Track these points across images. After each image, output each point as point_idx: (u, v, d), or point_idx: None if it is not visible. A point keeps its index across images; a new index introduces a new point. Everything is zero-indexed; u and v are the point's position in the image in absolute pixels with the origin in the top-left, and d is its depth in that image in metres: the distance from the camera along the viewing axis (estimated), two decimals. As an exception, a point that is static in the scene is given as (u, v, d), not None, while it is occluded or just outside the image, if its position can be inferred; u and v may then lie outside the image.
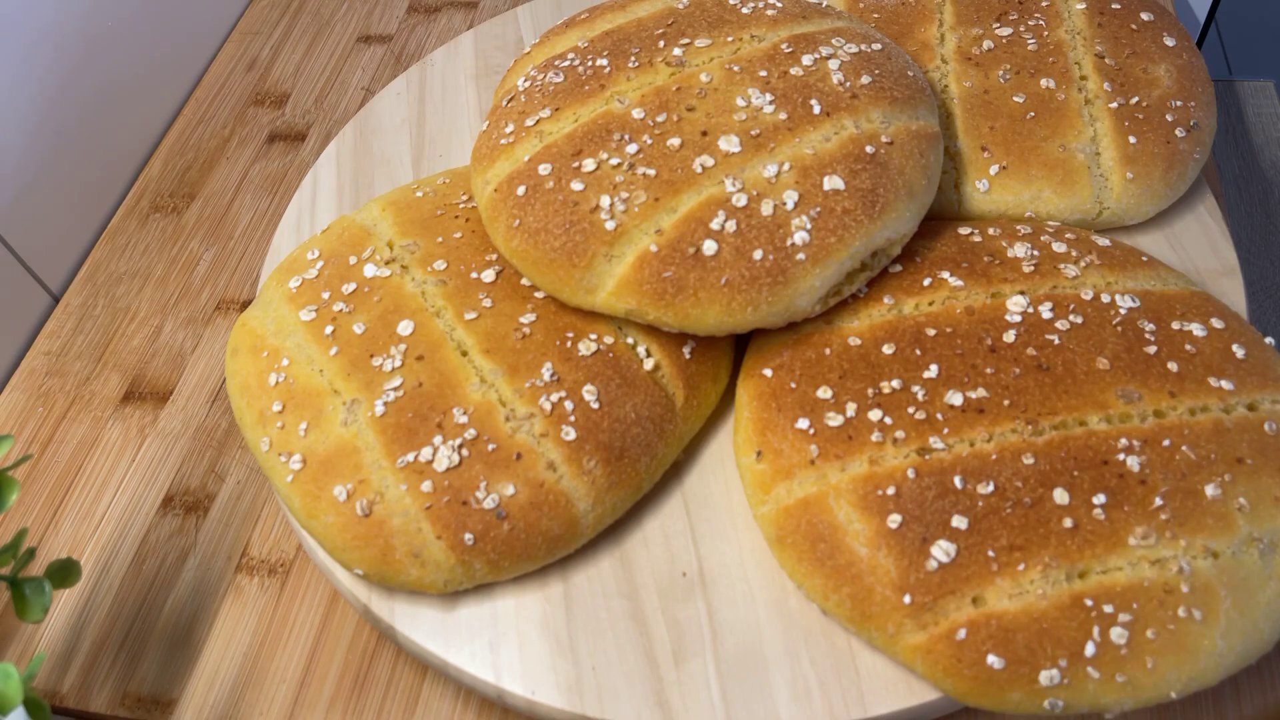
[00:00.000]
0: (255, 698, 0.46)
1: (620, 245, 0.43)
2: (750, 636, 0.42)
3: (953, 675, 0.38)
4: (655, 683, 0.41)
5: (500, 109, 0.50)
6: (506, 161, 0.47)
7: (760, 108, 0.45)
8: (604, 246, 0.43)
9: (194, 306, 0.62)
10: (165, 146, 0.71)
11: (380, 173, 0.60)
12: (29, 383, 0.59)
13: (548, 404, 0.43)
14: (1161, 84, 0.53)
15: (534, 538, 0.42)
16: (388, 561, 0.41)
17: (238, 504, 0.53)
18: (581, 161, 0.44)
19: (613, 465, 0.43)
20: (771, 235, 0.42)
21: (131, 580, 0.51)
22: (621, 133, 0.45)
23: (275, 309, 0.48)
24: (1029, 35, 0.54)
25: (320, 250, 0.49)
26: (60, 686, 0.48)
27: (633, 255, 0.43)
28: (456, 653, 0.42)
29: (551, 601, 0.43)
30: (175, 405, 0.57)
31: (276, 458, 0.43)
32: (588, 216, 0.43)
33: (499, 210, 0.45)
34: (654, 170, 0.44)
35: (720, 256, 0.42)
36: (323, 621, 0.49)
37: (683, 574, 0.44)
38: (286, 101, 0.73)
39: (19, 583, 0.39)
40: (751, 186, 0.43)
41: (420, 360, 0.44)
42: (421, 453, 0.42)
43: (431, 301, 0.46)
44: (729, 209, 0.43)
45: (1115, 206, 0.51)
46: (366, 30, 0.77)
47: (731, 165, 0.44)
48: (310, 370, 0.45)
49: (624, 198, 0.43)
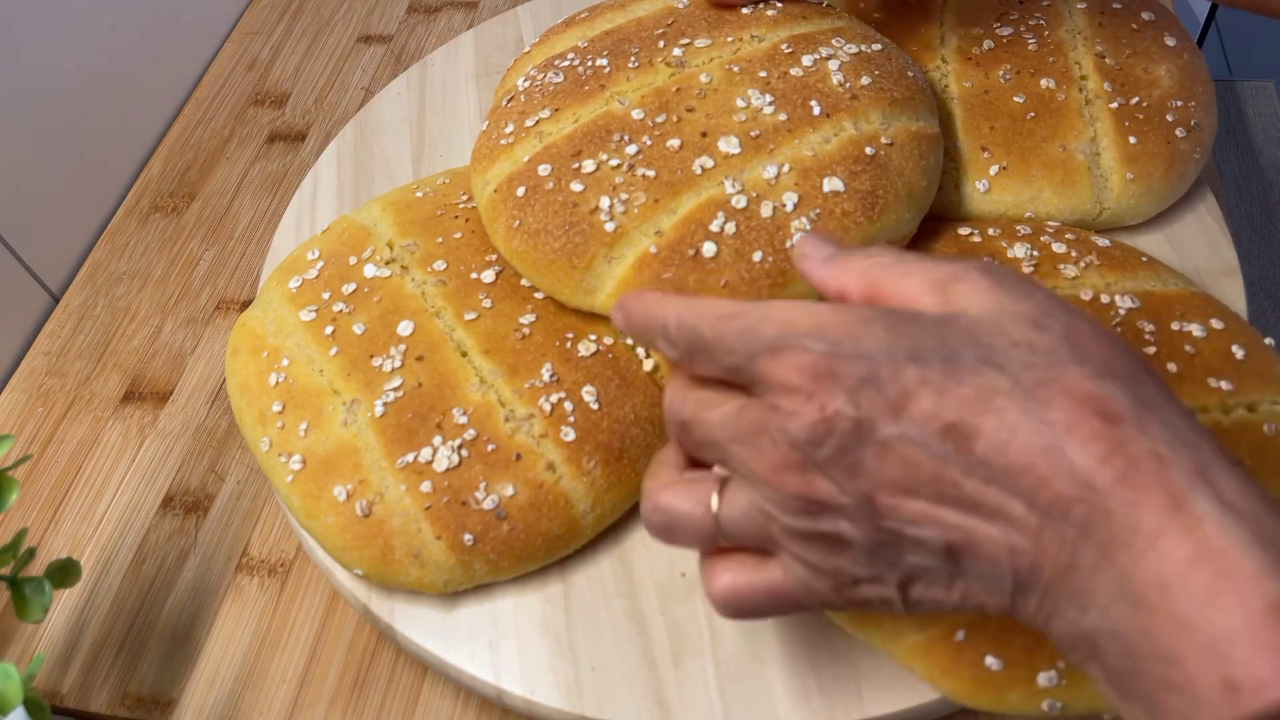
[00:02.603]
0: (255, 698, 0.46)
1: (620, 247, 0.43)
2: (749, 637, 0.42)
3: (951, 676, 0.38)
4: (654, 683, 0.41)
5: (500, 109, 0.49)
6: (506, 162, 0.47)
7: (760, 109, 0.45)
8: (603, 248, 0.43)
9: (194, 306, 0.62)
10: (165, 146, 0.71)
11: (380, 173, 0.60)
12: (29, 383, 0.59)
13: (547, 405, 0.43)
14: (1162, 84, 0.53)
15: (533, 538, 0.42)
16: (387, 562, 0.41)
17: (238, 504, 0.53)
18: (581, 162, 0.44)
19: (612, 466, 0.43)
20: (771, 237, 0.42)
21: (131, 580, 0.51)
22: (621, 133, 0.45)
23: (275, 309, 0.48)
24: (1029, 35, 0.54)
25: (320, 250, 0.49)
26: (60, 686, 0.48)
27: (632, 257, 0.43)
28: (456, 653, 0.42)
29: (551, 602, 0.43)
30: (175, 405, 0.57)
31: (276, 458, 0.43)
32: (587, 218, 0.43)
33: (499, 211, 0.46)
34: (654, 171, 0.44)
35: (720, 258, 0.42)
36: (323, 622, 0.49)
37: (682, 574, 0.44)
38: (286, 101, 0.73)
39: (19, 583, 0.39)
40: (751, 188, 0.43)
41: (420, 361, 0.44)
42: (421, 453, 0.42)
43: (431, 302, 0.46)
44: (728, 211, 0.43)
45: (1115, 207, 0.51)
46: (366, 30, 0.77)
47: (731, 167, 0.44)
48: (310, 370, 0.45)
49: (624, 199, 0.43)
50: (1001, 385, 0.27)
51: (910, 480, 0.27)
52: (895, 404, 0.27)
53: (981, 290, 0.29)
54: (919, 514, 0.28)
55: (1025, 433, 0.26)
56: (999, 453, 0.26)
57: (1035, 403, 0.26)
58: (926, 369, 0.27)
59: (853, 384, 0.27)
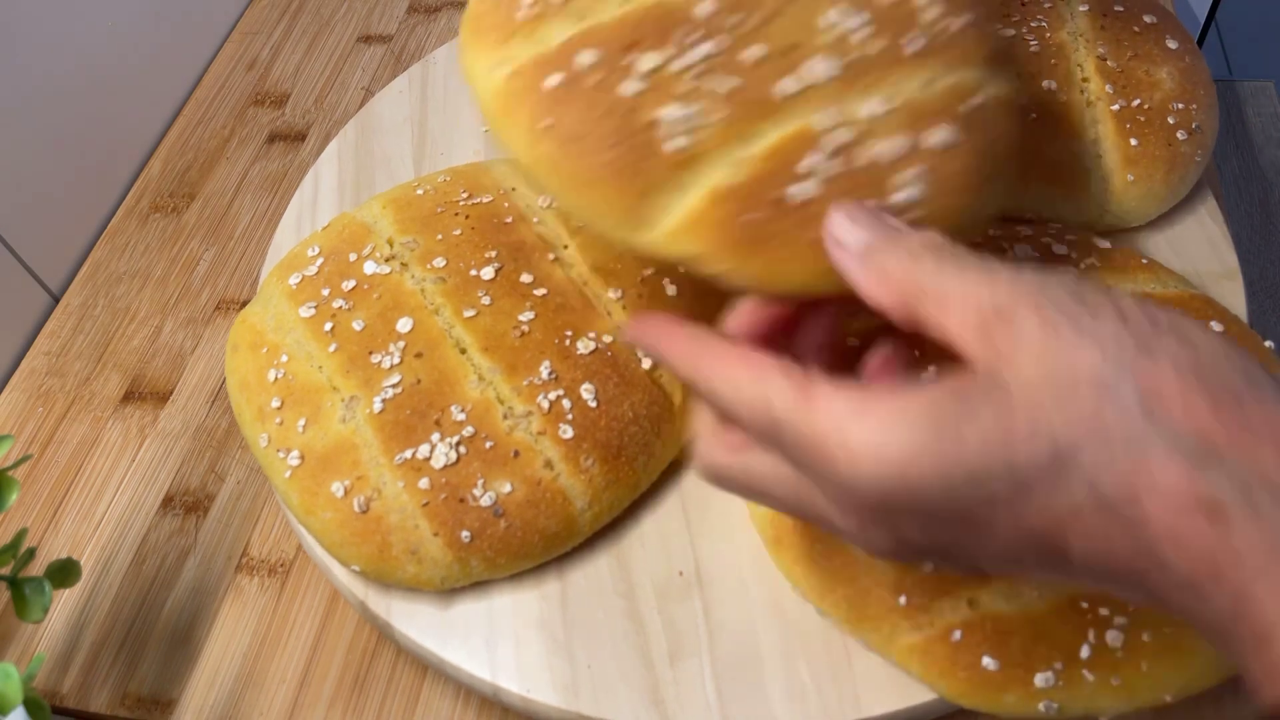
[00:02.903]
0: (255, 698, 0.46)
1: (687, 173, 0.34)
2: (746, 636, 0.42)
3: (948, 677, 0.38)
4: (651, 681, 0.41)
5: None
6: (528, 43, 0.36)
7: (852, 30, 0.35)
8: (667, 170, 0.34)
9: (194, 306, 0.62)
10: (165, 146, 0.71)
11: (382, 172, 0.60)
12: (29, 383, 0.59)
13: (545, 402, 0.43)
14: (1163, 86, 0.53)
15: (531, 535, 0.42)
16: (385, 558, 0.41)
17: (238, 504, 0.53)
18: (637, 57, 0.35)
19: (610, 464, 0.43)
20: (872, 191, 0.34)
21: (131, 580, 0.51)
22: (688, 29, 0.35)
23: (275, 305, 0.48)
24: (1031, 37, 0.54)
25: (320, 247, 0.49)
26: (60, 686, 0.48)
27: (705, 188, 0.34)
28: (453, 650, 0.42)
29: (548, 600, 0.43)
30: (175, 405, 0.57)
31: (275, 454, 0.43)
32: (645, 130, 0.34)
33: (519, 101, 0.36)
34: (729, 86, 0.34)
35: (809, 209, 0.34)
36: (323, 621, 0.49)
37: (679, 573, 0.44)
38: (286, 101, 0.73)
39: (19, 583, 0.39)
40: (847, 126, 0.35)
41: (419, 358, 0.44)
42: (419, 450, 0.42)
43: (431, 299, 0.46)
44: (820, 150, 0.34)
45: (1116, 209, 0.51)
46: (366, 30, 0.77)
47: (824, 96, 0.35)
48: (309, 367, 0.45)
49: (691, 115, 0.34)
50: (1080, 500, 0.24)
51: (1015, 564, 0.26)
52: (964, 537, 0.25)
53: (1032, 337, 0.25)
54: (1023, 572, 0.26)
55: (1122, 549, 0.24)
56: (1100, 563, 0.24)
57: (1123, 517, 0.23)
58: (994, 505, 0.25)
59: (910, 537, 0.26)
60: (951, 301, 0.27)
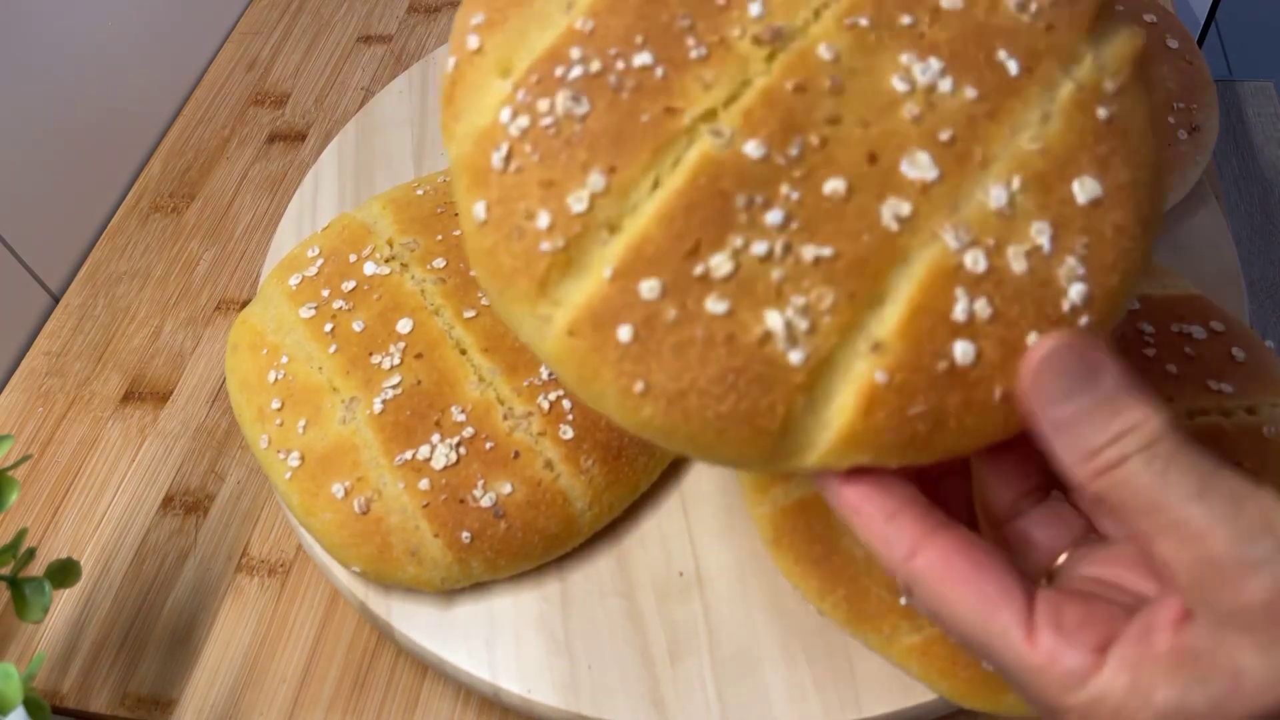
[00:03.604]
0: (255, 698, 0.46)
1: (824, 383, 0.27)
2: (746, 637, 0.42)
3: (948, 676, 0.38)
4: (651, 682, 0.41)
5: (491, 175, 0.29)
6: (571, 282, 0.28)
7: (932, 86, 0.27)
8: (799, 394, 0.27)
9: (194, 306, 0.62)
10: (165, 146, 0.71)
11: (382, 172, 0.60)
12: (29, 383, 0.59)
13: (545, 402, 0.43)
14: (1163, 86, 0.53)
15: (531, 536, 0.42)
16: (385, 559, 0.41)
17: (238, 504, 0.53)
18: (705, 264, 0.27)
19: (610, 464, 0.43)
20: (1041, 305, 0.27)
21: (131, 580, 0.51)
22: (747, 193, 0.27)
23: (275, 306, 0.48)
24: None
25: (320, 248, 0.49)
26: (60, 686, 0.48)
27: (850, 394, 0.27)
28: (453, 651, 0.42)
29: (548, 600, 0.43)
30: (175, 405, 0.57)
31: (275, 454, 0.43)
32: (753, 355, 0.27)
33: (594, 368, 0.27)
34: (829, 247, 0.27)
35: (983, 362, 0.27)
36: (323, 622, 0.49)
37: (679, 574, 0.44)
38: (286, 101, 0.73)
39: (19, 583, 0.39)
40: (983, 233, 0.27)
41: (419, 358, 0.44)
42: (419, 450, 0.42)
43: (431, 299, 0.46)
44: (967, 281, 0.27)
45: (1115, 207, 0.51)
46: (366, 30, 0.77)
47: (938, 204, 0.27)
48: (309, 367, 0.45)
49: (801, 306, 0.27)
50: None
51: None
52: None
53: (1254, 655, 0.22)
54: None
55: None
56: None
57: None
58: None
59: None
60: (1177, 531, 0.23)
